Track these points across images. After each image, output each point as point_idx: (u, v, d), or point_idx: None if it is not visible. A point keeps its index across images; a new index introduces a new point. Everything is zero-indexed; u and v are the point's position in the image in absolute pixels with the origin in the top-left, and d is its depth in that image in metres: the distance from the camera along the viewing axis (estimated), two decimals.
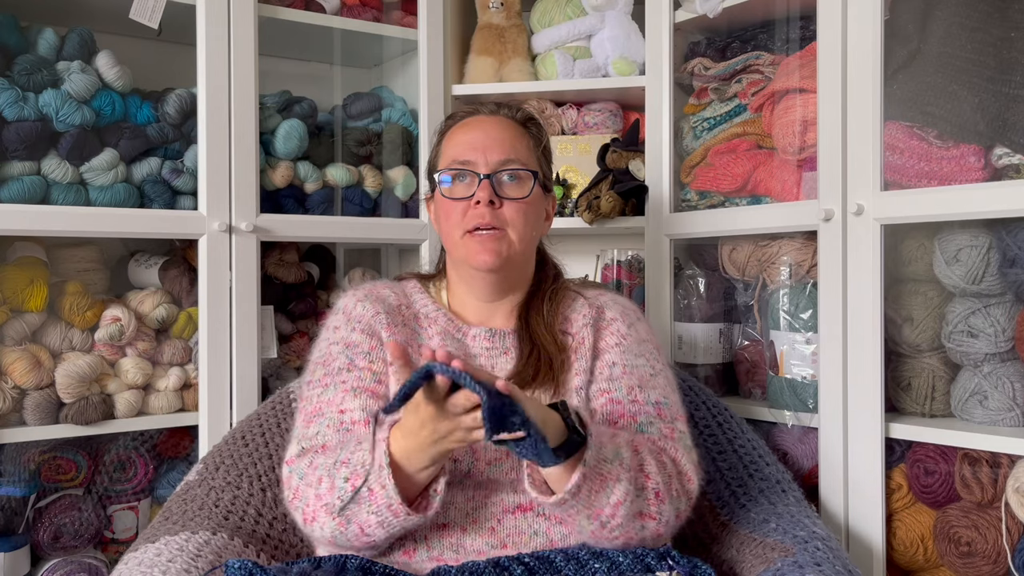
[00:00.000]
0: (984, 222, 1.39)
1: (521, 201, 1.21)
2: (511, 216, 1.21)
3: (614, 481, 1.02)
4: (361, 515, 1.04)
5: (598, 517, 1.03)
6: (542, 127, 1.32)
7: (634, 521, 1.04)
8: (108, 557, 1.64)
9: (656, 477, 1.06)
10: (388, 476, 1.01)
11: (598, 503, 1.02)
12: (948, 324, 1.45)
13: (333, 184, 1.85)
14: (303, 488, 1.09)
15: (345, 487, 1.04)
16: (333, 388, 1.18)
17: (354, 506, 1.03)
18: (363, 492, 1.02)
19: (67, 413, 1.56)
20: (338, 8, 1.88)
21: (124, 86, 1.63)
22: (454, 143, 1.26)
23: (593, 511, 1.03)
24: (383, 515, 1.03)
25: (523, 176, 1.23)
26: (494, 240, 1.19)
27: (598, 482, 1.01)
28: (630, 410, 1.17)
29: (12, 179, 1.51)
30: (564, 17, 2.02)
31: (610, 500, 1.02)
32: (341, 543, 1.08)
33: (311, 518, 1.08)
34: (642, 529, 1.06)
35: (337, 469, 1.06)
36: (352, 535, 1.06)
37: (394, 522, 1.03)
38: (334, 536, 1.07)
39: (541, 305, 1.26)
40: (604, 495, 1.02)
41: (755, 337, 1.79)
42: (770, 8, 1.73)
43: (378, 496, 1.02)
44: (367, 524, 1.04)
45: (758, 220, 1.68)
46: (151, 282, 1.72)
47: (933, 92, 1.42)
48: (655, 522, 1.06)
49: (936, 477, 1.45)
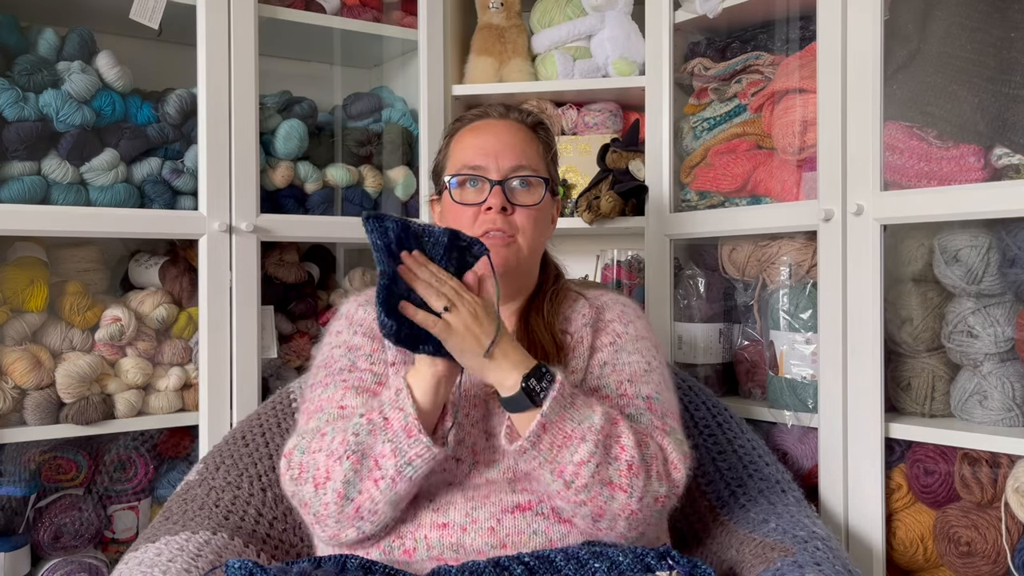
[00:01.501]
0: (984, 222, 1.40)
1: (532, 208, 1.22)
2: (522, 222, 1.21)
3: (579, 440, 1.04)
4: (376, 447, 1.05)
5: (562, 475, 1.04)
6: (551, 132, 1.32)
7: (602, 488, 1.04)
8: (108, 557, 1.64)
9: (632, 451, 1.06)
10: (407, 396, 1.05)
11: (560, 459, 1.03)
12: (948, 324, 1.45)
13: (333, 184, 1.85)
14: (308, 458, 1.09)
15: (360, 421, 1.07)
16: (334, 387, 1.19)
17: (369, 438, 1.05)
18: (378, 421, 1.05)
19: (67, 413, 1.56)
20: (338, 8, 1.88)
21: (124, 86, 1.63)
22: (463, 146, 1.26)
23: (556, 467, 1.04)
24: (399, 440, 1.04)
25: (534, 183, 1.23)
26: (504, 247, 1.20)
27: (560, 436, 1.03)
28: (618, 404, 1.17)
29: (12, 179, 1.51)
30: (564, 17, 2.02)
31: (573, 458, 1.03)
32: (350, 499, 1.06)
33: (323, 479, 1.07)
34: (611, 499, 1.05)
35: (350, 420, 1.08)
36: (365, 473, 1.05)
37: (408, 448, 1.04)
38: (346, 484, 1.06)
39: (542, 306, 1.26)
40: (567, 452, 1.03)
41: (755, 337, 1.79)
42: (770, 8, 1.73)
43: (394, 422, 1.04)
44: (381, 455, 1.04)
45: (758, 220, 1.68)
46: (151, 282, 1.72)
47: (933, 92, 1.42)
48: (625, 495, 1.05)
49: (936, 477, 1.45)
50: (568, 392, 1.06)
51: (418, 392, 1.06)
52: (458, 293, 1.05)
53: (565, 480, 1.04)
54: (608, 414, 1.08)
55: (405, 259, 1.04)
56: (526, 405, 1.04)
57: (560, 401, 1.04)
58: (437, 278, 1.05)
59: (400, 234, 1.05)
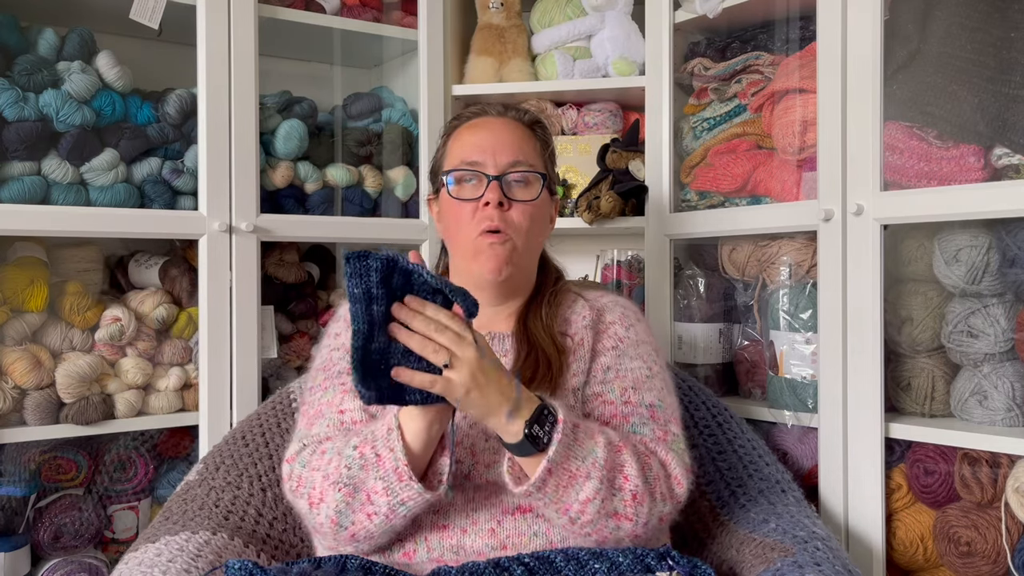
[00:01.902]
0: (984, 222, 1.39)
1: (529, 203, 1.22)
2: (519, 219, 1.21)
3: (583, 478, 1.03)
4: (368, 482, 1.04)
5: (567, 512, 1.04)
6: (548, 130, 1.32)
7: (607, 520, 1.05)
8: (108, 557, 1.64)
9: (636, 480, 1.05)
10: (397, 438, 1.02)
11: (566, 498, 1.03)
12: (948, 324, 1.45)
13: (333, 184, 1.85)
14: (308, 474, 1.09)
15: (353, 454, 1.05)
16: (332, 390, 1.19)
17: (361, 473, 1.04)
18: (370, 457, 1.04)
19: (67, 413, 1.56)
20: (338, 8, 1.88)
21: (124, 86, 1.63)
22: (461, 144, 1.26)
23: (561, 506, 1.03)
24: (389, 480, 1.03)
25: (531, 179, 1.23)
26: (500, 247, 1.19)
27: (565, 478, 1.02)
28: (622, 411, 1.17)
29: (12, 179, 1.51)
30: (564, 17, 2.02)
31: (579, 497, 1.03)
32: (343, 527, 1.06)
33: (318, 500, 1.07)
34: (616, 529, 1.06)
35: (346, 444, 1.07)
36: (357, 506, 1.05)
37: (399, 490, 1.03)
38: (338, 514, 1.06)
39: (540, 307, 1.26)
40: (572, 491, 1.03)
41: (755, 337, 1.79)
42: (770, 8, 1.73)
43: (386, 461, 1.03)
44: (374, 491, 1.04)
45: (758, 220, 1.68)
46: (151, 282, 1.72)
47: (933, 92, 1.42)
48: (631, 523, 1.05)
49: (936, 477, 1.45)
50: (570, 429, 1.03)
51: (409, 435, 1.03)
52: (460, 338, 0.97)
53: (571, 517, 1.04)
54: (610, 443, 1.07)
55: (396, 313, 0.97)
56: (530, 451, 1.02)
57: (564, 442, 1.02)
58: (437, 325, 0.97)
59: (385, 274, 0.95)
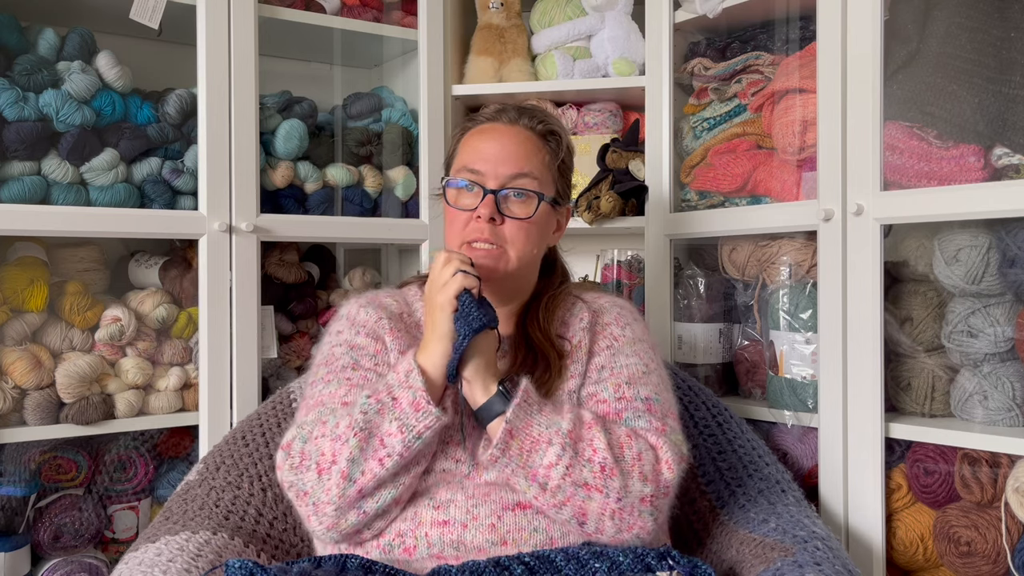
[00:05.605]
0: (984, 222, 1.40)
1: (524, 220, 1.21)
2: (511, 234, 1.20)
3: (545, 443, 1.08)
4: (383, 425, 1.07)
5: (535, 478, 1.07)
6: (562, 141, 1.29)
7: (577, 490, 1.07)
8: (108, 557, 1.64)
9: (604, 453, 1.08)
10: (417, 375, 1.09)
11: (531, 463, 1.07)
12: (948, 324, 1.46)
13: (333, 184, 1.85)
14: (311, 445, 1.10)
15: (368, 402, 1.09)
16: (336, 383, 1.19)
17: (377, 417, 1.08)
18: (386, 401, 1.08)
19: (67, 413, 1.56)
20: (338, 8, 1.88)
21: (124, 86, 1.63)
22: (468, 148, 1.25)
23: (529, 471, 1.07)
24: (406, 417, 1.07)
25: (529, 196, 1.22)
26: (491, 257, 1.19)
27: (528, 441, 1.08)
28: (616, 407, 1.17)
29: (12, 179, 1.51)
30: (564, 17, 2.02)
31: (543, 461, 1.07)
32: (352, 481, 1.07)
33: (328, 462, 1.08)
34: (588, 499, 1.07)
35: (356, 401, 1.11)
36: (370, 453, 1.07)
37: (415, 422, 1.06)
38: (350, 463, 1.06)
39: (538, 311, 1.26)
40: (536, 456, 1.07)
41: (755, 337, 1.79)
42: (770, 8, 1.73)
43: (403, 400, 1.08)
44: (387, 434, 1.07)
45: (758, 220, 1.68)
46: (151, 282, 1.72)
47: (933, 92, 1.42)
48: (601, 495, 1.07)
49: (936, 477, 1.45)
50: (534, 400, 1.11)
51: (431, 368, 1.11)
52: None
53: (539, 483, 1.08)
54: (578, 419, 1.11)
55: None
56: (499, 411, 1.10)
57: (525, 408, 1.09)
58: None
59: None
